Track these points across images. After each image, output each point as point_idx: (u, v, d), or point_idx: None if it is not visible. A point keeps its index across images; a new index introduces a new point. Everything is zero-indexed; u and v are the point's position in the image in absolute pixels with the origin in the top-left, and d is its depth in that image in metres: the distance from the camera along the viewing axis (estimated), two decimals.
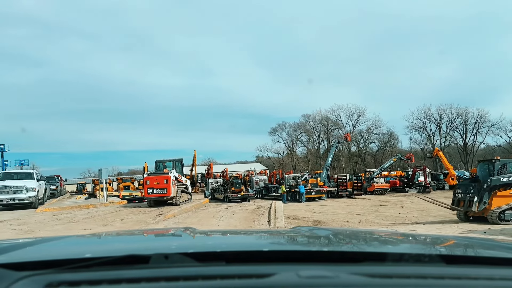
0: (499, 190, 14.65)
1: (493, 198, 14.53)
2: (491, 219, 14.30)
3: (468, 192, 15.35)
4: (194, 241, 1.79)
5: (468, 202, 15.14)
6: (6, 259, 1.16)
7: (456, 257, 1.26)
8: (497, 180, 14.78)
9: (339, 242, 1.73)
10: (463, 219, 15.50)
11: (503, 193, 14.67)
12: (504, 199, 14.57)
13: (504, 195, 14.62)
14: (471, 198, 14.98)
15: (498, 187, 14.71)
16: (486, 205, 14.53)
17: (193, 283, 0.94)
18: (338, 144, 57.22)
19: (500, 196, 14.59)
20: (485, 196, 14.54)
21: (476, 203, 14.61)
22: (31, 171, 26.36)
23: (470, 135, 69.18)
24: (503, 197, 14.61)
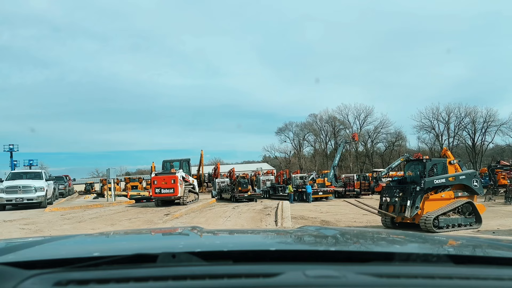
0: (430, 193, 13.31)
1: (425, 202, 13.15)
2: (425, 226, 12.59)
3: (395, 195, 13.91)
4: (201, 241, 1.80)
5: (400, 207, 13.55)
6: (15, 258, 1.17)
7: (465, 257, 1.25)
8: (431, 182, 13.34)
9: (346, 241, 1.73)
10: (390, 226, 14.06)
11: (435, 197, 13.33)
12: (435, 203, 13.24)
13: (436, 199, 13.32)
14: (403, 202, 13.44)
15: (430, 190, 13.37)
16: (418, 210, 13.09)
17: (201, 282, 0.94)
18: (346, 144, 57.08)
19: (432, 199, 13.27)
20: (417, 199, 13.10)
21: (409, 207, 13.13)
22: (40, 171, 26.61)
23: (479, 135, 68.59)
24: (435, 200, 13.30)
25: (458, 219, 13.27)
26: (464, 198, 13.58)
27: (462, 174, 13.86)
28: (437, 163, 14.44)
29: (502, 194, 26.57)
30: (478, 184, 13.86)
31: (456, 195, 13.47)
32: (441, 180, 13.46)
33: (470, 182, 13.69)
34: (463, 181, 13.68)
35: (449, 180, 13.56)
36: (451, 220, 13.21)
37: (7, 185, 21.59)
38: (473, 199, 13.74)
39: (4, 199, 21.15)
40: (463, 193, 13.60)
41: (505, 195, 24.75)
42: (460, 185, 13.71)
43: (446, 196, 13.41)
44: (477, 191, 13.86)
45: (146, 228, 13.79)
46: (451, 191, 13.47)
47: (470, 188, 13.66)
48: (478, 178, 14.14)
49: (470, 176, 13.86)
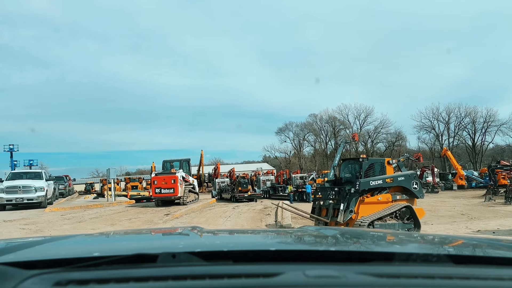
0: (366, 196, 12.23)
1: (360, 206, 12.05)
2: None
3: (329, 197, 12.70)
4: (201, 241, 1.80)
5: (333, 211, 12.41)
6: (15, 258, 1.17)
7: (465, 257, 1.25)
8: (366, 184, 12.19)
9: (346, 241, 1.73)
10: None
11: (371, 200, 12.21)
12: (371, 207, 12.15)
13: (372, 202, 12.19)
14: (336, 206, 12.28)
15: (366, 192, 12.27)
16: (353, 214, 12.00)
17: (201, 282, 0.94)
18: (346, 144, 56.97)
19: (368, 203, 12.15)
20: (352, 203, 11.92)
21: (342, 211, 11.93)
22: (40, 171, 26.63)
23: (479, 135, 68.69)
24: (371, 204, 12.18)
25: (396, 225, 12.18)
26: (403, 201, 12.59)
27: (401, 176, 12.82)
28: (375, 163, 13.32)
29: (502, 194, 26.57)
30: (418, 187, 12.82)
31: (394, 198, 12.46)
32: (378, 182, 12.32)
33: (409, 184, 12.69)
34: (402, 183, 12.62)
35: (387, 181, 12.42)
36: (387, 225, 12.11)
37: (7, 185, 21.59)
38: (413, 203, 12.86)
39: (4, 199, 21.15)
40: (402, 196, 12.58)
41: (505, 195, 24.74)
42: (399, 188, 12.68)
43: (383, 199, 12.32)
44: (416, 194, 12.80)
45: (146, 228, 13.79)
46: (388, 194, 12.40)
47: (410, 191, 12.67)
48: (418, 180, 13.13)
49: (409, 178, 12.83)
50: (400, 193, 12.58)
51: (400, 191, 12.64)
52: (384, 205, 12.22)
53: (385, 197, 12.32)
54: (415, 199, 12.89)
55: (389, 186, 12.44)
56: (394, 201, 12.39)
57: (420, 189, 12.88)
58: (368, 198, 12.22)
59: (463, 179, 42.06)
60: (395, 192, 12.57)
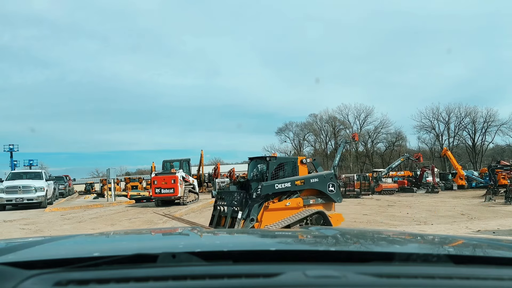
0: (272, 201, 10.45)
1: (264, 213, 10.26)
2: None
3: (233, 203, 10.79)
4: (201, 240, 1.80)
5: (231, 220, 10.49)
6: (15, 258, 1.17)
7: (465, 257, 1.25)
8: (270, 187, 10.35)
9: (347, 241, 1.73)
10: None
11: (278, 205, 10.46)
12: (278, 214, 10.38)
13: (279, 208, 10.45)
14: (234, 214, 10.43)
15: (272, 197, 10.49)
16: (255, 223, 10.23)
17: (201, 282, 0.94)
18: (346, 144, 56.99)
19: (274, 209, 10.37)
20: (253, 210, 10.12)
21: (241, 220, 10.12)
22: (40, 171, 26.66)
23: (479, 135, 68.63)
24: (277, 210, 10.42)
25: None
26: (318, 206, 10.96)
27: (314, 177, 11.11)
28: (285, 162, 11.68)
29: (502, 194, 26.57)
30: (335, 189, 11.13)
31: (307, 203, 10.77)
32: (285, 185, 10.51)
33: (324, 187, 11.02)
34: (315, 186, 10.97)
35: (296, 184, 10.69)
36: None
37: (7, 185, 21.61)
38: (330, 208, 11.24)
39: (4, 199, 21.18)
40: (316, 200, 10.96)
41: (505, 195, 24.75)
42: (313, 191, 11.06)
43: (292, 205, 10.55)
44: (333, 198, 11.11)
45: (146, 228, 13.80)
46: (299, 198, 10.65)
47: (326, 195, 11.05)
48: (335, 182, 11.32)
49: (324, 180, 11.08)
50: (314, 196, 10.98)
51: (315, 194, 11.03)
52: (294, 211, 10.48)
53: (295, 202, 10.57)
54: (333, 204, 11.26)
55: (300, 189, 10.75)
56: (307, 206, 10.73)
57: (337, 192, 11.19)
58: (274, 204, 10.45)
59: (463, 179, 42.07)
60: (309, 195, 10.94)
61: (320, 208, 10.87)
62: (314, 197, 10.95)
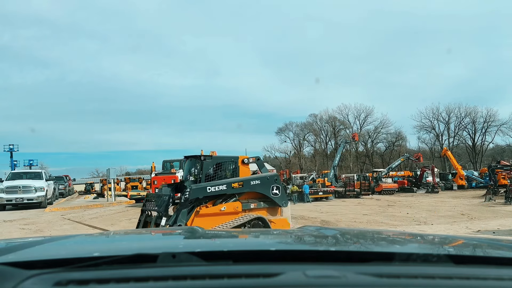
0: (205, 206, 9.47)
1: (194, 219, 9.20)
2: None
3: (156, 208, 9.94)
4: (201, 241, 1.80)
5: (155, 226, 9.72)
6: (15, 258, 1.17)
7: (465, 257, 1.25)
8: (200, 191, 9.37)
9: (347, 242, 1.73)
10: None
11: (210, 211, 9.44)
12: (212, 220, 9.30)
13: (212, 213, 9.42)
14: (158, 219, 9.63)
15: (204, 201, 9.48)
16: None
17: (201, 282, 0.94)
18: (346, 144, 57.04)
19: (206, 214, 9.35)
20: (181, 215, 9.12)
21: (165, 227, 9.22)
22: (40, 171, 26.66)
23: (479, 135, 68.67)
24: (210, 216, 9.39)
25: None
26: (261, 211, 9.90)
27: (255, 179, 10.06)
28: (224, 162, 10.37)
29: (502, 194, 26.60)
30: (280, 192, 10.06)
31: (247, 207, 9.76)
32: (220, 187, 9.49)
33: (267, 190, 9.97)
34: (257, 189, 9.94)
35: (234, 186, 9.65)
36: None
37: (7, 185, 21.62)
38: (276, 212, 10.18)
39: (4, 199, 21.18)
40: (258, 204, 9.90)
41: (505, 195, 24.77)
42: (255, 194, 10.05)
43: (229, 209, 9.55)
44: (277, 202, 10.03)
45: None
46: (237, 202, 9.68)
47: (270, 198, 10.02)
48: (280, 184, 10.22)
49: (267, 182, 10.01)
50: (256, 200, 9.95)
51: (258, 198, 10.02)
52: (231, 217, 9.51)
53: (231, 206, 9.59)
54: (279, 208, 10.19)
55: (239, 192, 9.77)
56: (248, 211, 9.72)
57: (282, 196, 10.13)
58: (207, 209, 9.46)
59: (463, 179, 42.10)
60: (250, 199, 9.94)
61: (263, 213, 9.86)
62: (256, 201, 9.90)
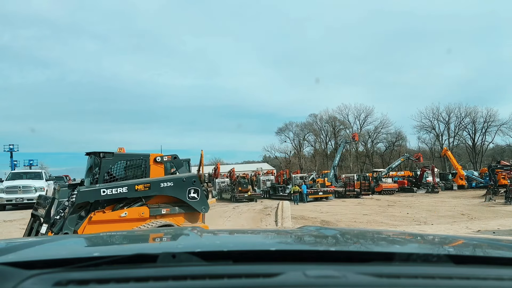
0: (102, 211, 8.08)
1: (86, 227, 7.81)
2: None
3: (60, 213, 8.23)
4: (201, 241, 1.80)
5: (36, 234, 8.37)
6: (15, 258, 1.17)
7: (465, 257, 1.25)
8: (91, 194, 7.93)
9: (347, 242, 1.73)
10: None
11: (106, 217, 8.02)
12: (109, 227, 7.74)
13: (109, 220, 7.99)
14: (39, 227, 8.34)
15: (101, 205, 8.13)
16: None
17: (201, 282, 0.94)
18: (346, 144, 57.05)
19: (101, 221, 7.87)
20: (70, 221, 7.79)
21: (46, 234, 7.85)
22: (40, 171, 26.68)
23: (479, 135, 68.71)
24: (107, 223, 7.89)
25: None
26: (176, 217, 8.57)
27: (167, 180, 8.57)
28: (130, 159, 8.88)
29: (502, 194, 26.60)
30: (199, 196, 8.64)
31: (157, 213, 8.40)
32: (119, 190, 8.09)
33: (182, 193, 8.52)
34: (168, 192, 8.51)
35: (137, 189, 8.27)
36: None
37: (7, 185, 21.61)
38: (197, 219, 8.81)
39: (4, 199, 21.17)
40: (172, 209, 8.51)
41: (505, 195, 24.77)
42: (170, 198, 8.64)
43: (131, 216, 8.17)
44: (194, 207, 8.60)
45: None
46: (143, 207, 8.32)
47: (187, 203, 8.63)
48: (199, 187, 8.83)
49: (183, 184, 8.58)
50: (171, 205, 8.58)
51: (174, 202, 8.64)
52: (134, 224, 8.06)
53: (136, 212, 8.24)
54: (200, 214, 8.83)
55: (146, 196, 8.40)
56: (159, 217, 8.40)
57: (201, 200, 8.71)
58: (104, 214, 8.07)
59: (463, 179, 42.09)
60: (162, 203, 8.62)
61: (179, 219, 8.57)
62: (170, 206, 8.53)
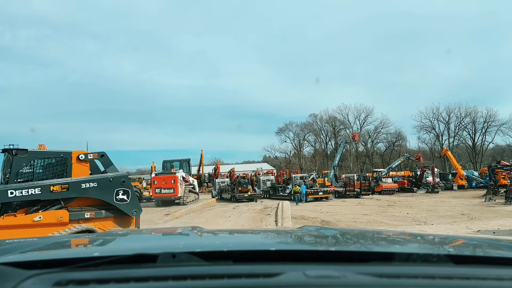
0: (14, 214, 7.36)
1: None
2: None
3: None
4: (201, 241, 1.80)
5: None
6: (15, 258, 1.17)
7: (465, 257, 1.25)
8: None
9: (347, 242, 1.73)
10: None
11: (19, 221, 7.28)
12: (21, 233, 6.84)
13: (22, 225, 7.23)
14: None
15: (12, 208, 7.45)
16: None
17: (201, 282, 0.94)
18: (346, 144, 57.02)
19: (10, 226, 7.16)
20: None
21: None
22: None
23: (479, 135, 68.70)
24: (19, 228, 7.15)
25: None
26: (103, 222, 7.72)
27: (90, 181, 7.62)
28: (48, 157, 7.95)
29: (502, 194, 26.59)
30: (129, 198, 7.80)
31: (80, 217, 7.57)
32: (30, 191, 7.20)
33: (108, 195, 7.65)
34: (91, 193, 7.61)
35: (53, 190, 7.38)
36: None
37: None
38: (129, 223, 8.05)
39: None
40: (98, 213, 7.67)
41: (505, 195, 24.76)
42: (94, 200, 7.76)
43: (47, 220, 7.33)
44: (124, 210, 7.77)
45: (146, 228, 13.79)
46: (62, 211, 7.48)
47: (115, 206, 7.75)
48: (130, 188, 7.91)
49: (109, 184, 7.68)
50: (97, 208, 7.72)
51: (100, 205, 7.78)
52: (52, 230, 7.10)
53: (52, 216, 7.40)
54: (132, 218, 8.04)
55: (64, 198, 7.54)
56: (83, 222, 7.57)
57: (132, 203, 7.89)
58: (15, 218, 7.30)
59: (463, 179, 42.07)
60: (86, 206, 7.75)
61: (108, 224, 7.72)
62: (96, 209, 7.69)
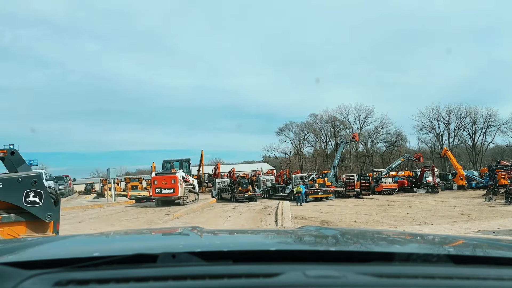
0: None
1: None
2: None
3: None
4: (201, 241, 1.80)
5: None
6: (15, 258, 1.17)
7: (465, 257, 1.25)
8: None
9: (347, 242, 1.73)
10: None
11: None
12: None
13: None
14: None
15: None
16: None
17: (201, 282, 0.94)
18: (346, 144, 57.02)
19: None
20: None
21: None
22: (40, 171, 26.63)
23: (479, 135, 68.70)
24: None
25: None
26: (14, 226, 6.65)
27: None
28: None
29: (502, 194, 26.58)
30: (43, 201, 6.62)
31: None
32: None
33: (16, 197, 6.46)
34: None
35: None
36: None
37: None
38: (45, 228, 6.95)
39: None
40: (6, 217, 6.54)
41: (505, 195, 24.76)
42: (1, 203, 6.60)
43: None
44: (36, 214, 6.62)
45: (146, 228, 13.79)
46: None
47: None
48: (43, 189, 6.68)
49: (17, 185, 6.46)
50: (4, 211, 6.69)
51: (8, 208, 6.69)
52: None
53: None
54: (50, 223, 6.97)
55: None
56: None
57: (46, 206, 6.69)
58: None
59: (463, 179, 42.07)
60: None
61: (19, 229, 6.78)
62: (4, 212, 6.66)
